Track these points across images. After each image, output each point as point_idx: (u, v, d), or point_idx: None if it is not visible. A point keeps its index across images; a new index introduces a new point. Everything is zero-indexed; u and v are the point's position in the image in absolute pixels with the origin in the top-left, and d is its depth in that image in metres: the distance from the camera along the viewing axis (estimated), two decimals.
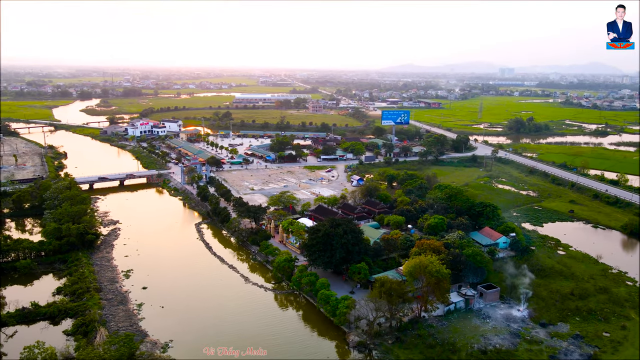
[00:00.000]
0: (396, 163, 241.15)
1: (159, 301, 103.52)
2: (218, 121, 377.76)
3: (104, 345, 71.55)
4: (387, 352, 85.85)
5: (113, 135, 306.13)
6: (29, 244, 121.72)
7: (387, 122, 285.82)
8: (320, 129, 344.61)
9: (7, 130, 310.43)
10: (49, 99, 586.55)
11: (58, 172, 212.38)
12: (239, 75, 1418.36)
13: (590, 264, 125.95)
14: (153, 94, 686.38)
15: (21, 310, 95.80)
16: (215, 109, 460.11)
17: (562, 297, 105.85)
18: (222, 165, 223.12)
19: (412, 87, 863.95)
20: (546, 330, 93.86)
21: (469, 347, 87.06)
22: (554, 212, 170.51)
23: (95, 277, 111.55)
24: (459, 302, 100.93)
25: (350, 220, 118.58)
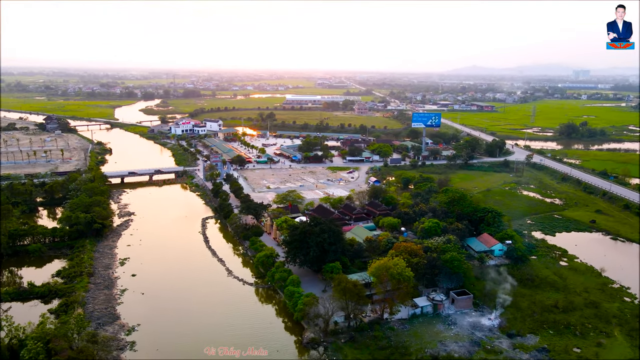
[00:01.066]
0: (422, 166, 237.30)
1: (142, 288, 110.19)
2: (260, 122, 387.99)
3: (57, 324, 78.08)
4: (337, 351, 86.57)
5: (158, 133, 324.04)
6: (43, 229, 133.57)
7: (418, 124, 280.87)
8: (358, 131, 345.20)
9: (67, 127, 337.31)
10: (116, 99, 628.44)
11: (98, 166, 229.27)
12: (300, 78, 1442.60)
13: (590, 277, 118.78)
14: (211, 95, 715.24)
15: (18, 289, 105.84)
16: (263, 110, 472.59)
17: (542, 309, 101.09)
18: (246, 164, 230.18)
19: (471, 90, 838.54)
20: (511, 341, 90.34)
21: (422, 352, 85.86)
22: (574, 221, 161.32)
23: (92, 262, 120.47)
24: (426, 307, 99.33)
25: (331, 220, 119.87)
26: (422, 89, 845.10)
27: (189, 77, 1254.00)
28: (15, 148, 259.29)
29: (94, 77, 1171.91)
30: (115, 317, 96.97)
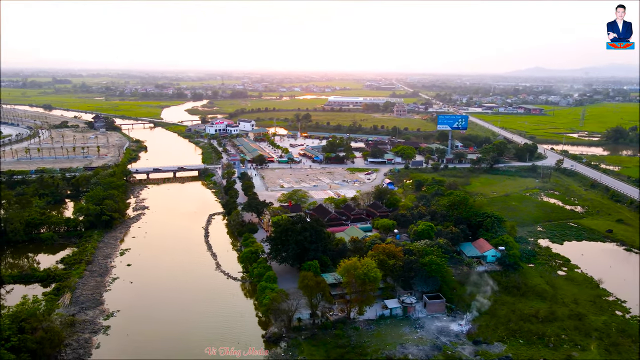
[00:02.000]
0: (444, 169, 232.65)
1: (133, 277, 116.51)
2: (295, 122, 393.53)
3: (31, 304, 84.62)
4: (295, 347, 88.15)
5: (194, 132, 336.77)
6: (57, 219, 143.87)
7: (443, 126, 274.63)
8: (390, 133, 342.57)
9: (112, 125, 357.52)
10: (167, 100, 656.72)
11: (130, 162, 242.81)
12: (350, 79, 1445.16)
13: (585, 288, 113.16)
14: (257, 96, 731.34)
15: (21, 272, 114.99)
16: (302, 111, 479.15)
17: (520, 318, 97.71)
18: (267, 163, 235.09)
19: (524, 93, 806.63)
20: (475, 348, 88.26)
21: (378, 353, 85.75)
22: (589, 230, 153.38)
23: (94, 251, 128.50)
24: (395, 309, 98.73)
25: (317, 219, 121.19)
26: (471, 91, 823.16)
27: (241, 79, 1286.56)
28: (62, 144, 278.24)
29: (152, 79, 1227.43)
30: (99, 302, 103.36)
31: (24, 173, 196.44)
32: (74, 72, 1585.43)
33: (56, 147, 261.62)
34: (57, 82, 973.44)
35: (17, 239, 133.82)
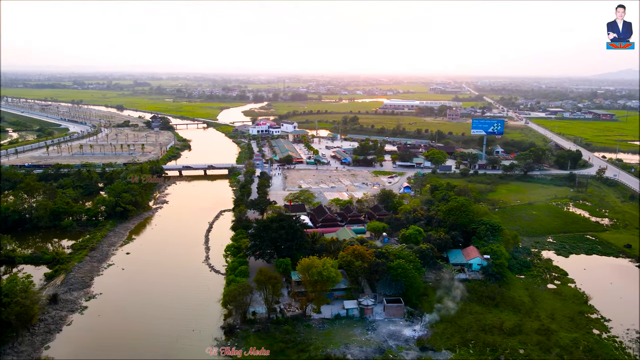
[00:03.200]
0: (473, 175, 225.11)
1: (126, 265, 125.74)
2: (340, 125, 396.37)
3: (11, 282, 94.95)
4: (243, 339, 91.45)
5: (239, 133, 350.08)
6: (79, 209, 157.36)
7: (478, 131, 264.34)
8: (433, 137, 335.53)
9: (167, 125, 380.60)
10: (230, 101, 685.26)
11: (171, 159, 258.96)
12: (418, 82, 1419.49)
13: (571, 304, 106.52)
14: (317, 99, 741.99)
15: (32, 255, 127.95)
16: (353, 114, 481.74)
17: (482, 328, 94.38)
18: (294, 164, 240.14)
19: (602, 97, 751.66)
20: (420, 354, 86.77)
21: (320, 351, 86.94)
22: (605, 244, 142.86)
23: (101, 240, 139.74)
24: (352, 310, 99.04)
25: (298, 218, 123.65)
26: (541, 95, 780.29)
27: (308, 82, 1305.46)
28: (116, 141, 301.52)
29: (225, 81, 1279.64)
30: (87, 285, 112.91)
31: (69, 167, 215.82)
32: (156, 75, 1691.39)
33: (107, 144, 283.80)
34: (137, 85, 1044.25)
35: (41, 225, 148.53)
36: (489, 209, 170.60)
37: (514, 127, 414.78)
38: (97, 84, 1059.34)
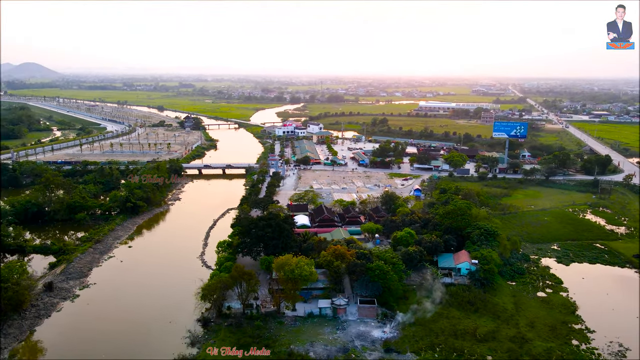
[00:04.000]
0: (492, 179, 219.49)
1: (126, 257, 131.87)
2: (369, 127, 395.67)
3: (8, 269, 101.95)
4: (214, 332, 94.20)
5: (266, 133, 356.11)
6: (93, 203, 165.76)
7: (500, 134, 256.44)
8: (462, 140, 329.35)
9: (199, 125, 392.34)
10: (267, 102, 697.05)
11: (195, 158, 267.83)
12: (462, 85, 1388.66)
13: (557, 313, 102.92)
14: (354, 101, 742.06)
15: (42, 245, 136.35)
16: (384, 115, 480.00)
17: (454, 333, 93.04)
18: (311, 165, 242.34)
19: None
20: (383, 356, 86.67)
21: (285, 347, 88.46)
22: (614, 253, 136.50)
23: (108, 233, 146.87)
24: (325, 309, 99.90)
25: (287, 217, 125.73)
26: (588, 97, 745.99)
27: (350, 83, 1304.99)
28: (146, 140, 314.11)
29: (267, 83, 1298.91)
30: (84, 275, 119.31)
31: (95, 164, 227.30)
32: (202, 77, 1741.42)
33: (137, 143, 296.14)
34: (182, 86, 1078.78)
35: (57, 218, 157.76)
36: (499, 214, 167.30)
37: (551, 130, 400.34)
38: (145, 85, 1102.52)
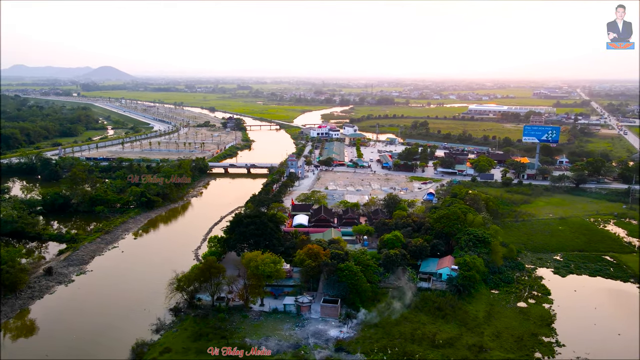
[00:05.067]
0: (517, 185, 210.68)
1: (128, 248, 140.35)
2: (408, 130, 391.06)
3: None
4: (180, 321, 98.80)
5: (302, 135, 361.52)
6: (112, 197, 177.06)
7: (530, 138, 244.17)
8: (500, 144, 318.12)
9: (240, 126, 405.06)
10: (317, 105, 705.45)
11: (226, 158, 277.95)
12: (525, 87, 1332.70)
13: (530, 324, 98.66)
14: (404, 103, 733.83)
15: (57, 233, 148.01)
16: (431, 119, 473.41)
17: (411, 337, 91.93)
18: (333, 166, 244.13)
19: None
20: (331, 354, 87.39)
21: (239, 339, 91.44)
22: (621, 267, 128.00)
23: (118, 224, 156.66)
24: (289, 306, 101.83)
25: (272, 216, 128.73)
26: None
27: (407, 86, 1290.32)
28: (186, 140, 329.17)
29: (323, 85, 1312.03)
30: (84, 262, 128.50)
31: (129, 160, 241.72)
32: (262, 79, 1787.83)
33: (173, 142, 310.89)
34: (239, 88, 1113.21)
35: (80, 210, 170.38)
36: (511, 221, 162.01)
37: (605, 136, 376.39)
38: (205, 87, 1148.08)
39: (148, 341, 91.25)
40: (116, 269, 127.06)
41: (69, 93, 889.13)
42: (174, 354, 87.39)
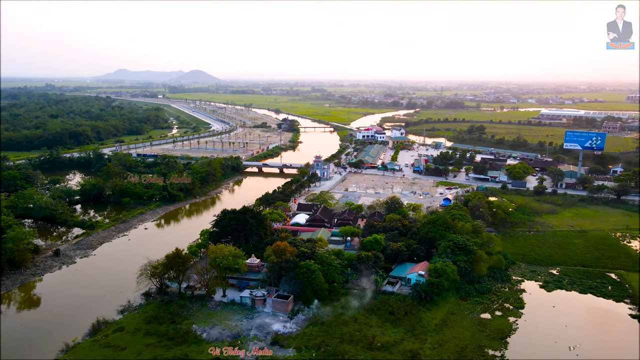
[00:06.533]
0: (551, 194, 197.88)
1: (136, 238, 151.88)
2: (462, 134, 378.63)
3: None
4: (142, 305, 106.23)
5: (350, 137, 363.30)
6: (140, 190, 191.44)
7: (572, 145, 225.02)
8: (557, 150, 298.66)
9: (293, 127, 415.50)
10: (383, 107, 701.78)
11: (266, 157, 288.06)
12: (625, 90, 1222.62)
13: (483, 337, 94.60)
14: (474, 107, 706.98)
15: (80, 220, 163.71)
16: (493, 123, 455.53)
17: (351, 338, 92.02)
18: (363, 168, 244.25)
19: None
20: (266, 347, 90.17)
21: (187, 326, 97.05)
22: (622, 286, 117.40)
23: (136, 215, 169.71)
24: (245, 299, 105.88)
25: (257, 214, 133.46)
26: None
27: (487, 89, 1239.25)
28: (237, 140, 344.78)
29: (399, 88, 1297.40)
30: (91, 247, 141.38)
31: (172, 157, 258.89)
32: (339, 82, 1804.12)
33: (219, 142, 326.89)
34: (314, 91, 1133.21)
35: (109, 200, 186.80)
36: (523, 231, 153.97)
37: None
38: (280, 90, 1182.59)
39: (109, 320, 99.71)
40: (116, 254, 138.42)
41: (155, 95, 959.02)
42: (124, 333, 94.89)
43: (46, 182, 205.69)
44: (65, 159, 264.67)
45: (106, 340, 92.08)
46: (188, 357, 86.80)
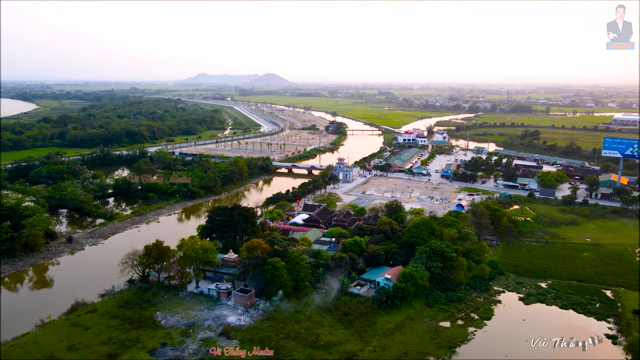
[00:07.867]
0: (581, 204, 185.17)
1: (147, 230, 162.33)
2: (514, 139, 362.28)
3: None
4: (123, 291, 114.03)
5: (393, 140, 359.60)
6: (163, 186, 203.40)
7: (611, 152, 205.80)
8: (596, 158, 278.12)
9: (339, 130, 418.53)
10: (444, 111, 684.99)
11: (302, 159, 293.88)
12: None
13: (432, 344, 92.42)
14: (543, 111, 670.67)
15: (104, 211, 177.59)
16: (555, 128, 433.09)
17: (296, 334, 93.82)
18: (389, 172, 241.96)
19: None
20: (212, 336, 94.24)
21: (150, 312, 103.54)
22: (612, 304, 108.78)
23: (153, 209, 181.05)
24: (211, 291, 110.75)
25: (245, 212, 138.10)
26: None
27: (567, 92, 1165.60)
28: (279, 141, 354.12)
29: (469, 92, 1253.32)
30: (103, 236, 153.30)
31: (208, 156, 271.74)
32: (408, 85, 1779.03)
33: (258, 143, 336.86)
34: (380, 94, 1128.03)
35: (136, 195, 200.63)
36: (531, 241, 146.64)
37: None
38: (346, 93, 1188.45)
39: (88, 302, 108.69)
40: (122, 244, 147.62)
41: (224, 97, 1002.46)
42: (95, 314, 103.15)
43: (89, 176, 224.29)
44: (115, 155, 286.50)
45: (76, 320, 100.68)
46: (139, 340, 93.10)
